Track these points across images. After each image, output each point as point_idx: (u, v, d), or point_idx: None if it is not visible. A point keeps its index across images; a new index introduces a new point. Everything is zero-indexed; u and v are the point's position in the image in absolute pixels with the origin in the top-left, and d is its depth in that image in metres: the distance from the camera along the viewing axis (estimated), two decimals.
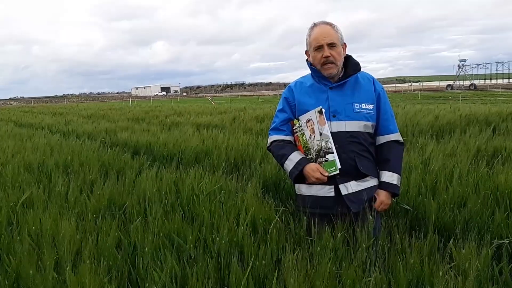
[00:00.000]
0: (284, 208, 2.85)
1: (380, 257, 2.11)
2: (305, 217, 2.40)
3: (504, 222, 2.71)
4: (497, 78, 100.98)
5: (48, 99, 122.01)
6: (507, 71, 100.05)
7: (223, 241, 2.25)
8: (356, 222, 2.25)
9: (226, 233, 2.28)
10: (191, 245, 2.29)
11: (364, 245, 2.07)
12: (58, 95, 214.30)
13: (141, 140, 7.01)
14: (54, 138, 7.43)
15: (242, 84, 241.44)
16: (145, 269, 2.13)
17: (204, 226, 2.49)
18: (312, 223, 2.29)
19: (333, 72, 2.40)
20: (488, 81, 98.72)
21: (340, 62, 2.42)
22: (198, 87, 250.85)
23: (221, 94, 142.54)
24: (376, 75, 2.64)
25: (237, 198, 2.92)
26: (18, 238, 2.38)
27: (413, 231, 2.61)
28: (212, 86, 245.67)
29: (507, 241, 2.47)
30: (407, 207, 3.12)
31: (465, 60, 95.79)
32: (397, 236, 2.13)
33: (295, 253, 1.96)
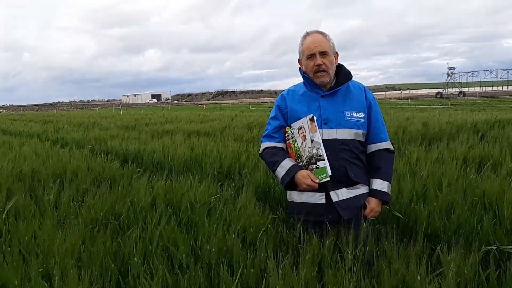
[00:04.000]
0: (275, 216, 2.86)
1: (369, 263, 2.12)
2: (298, 225, 2.40)
3: (492, 228, 2.73)
4: (485, 86, 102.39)
5: (37, 107, 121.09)
6: (495, 79, 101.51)
7: (213, 250, 2.25)
8: (348, 229, 2.26)
9: (217, 242, 2.28)
10: (183, 254, 2.28)
11: (349, 252, 2.08)
12: (48, 103, 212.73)
13: (131, 148, 6.98)
14: (43, 146, 7.37)
15: (233, 91, 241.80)
16: (135, 278, 2.12)
17: (201, 235, 2.48)
18: (304, 230, 2.29)
19: (325, 80, 2.43)
20: (477, 89, 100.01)
21: (332, 70, 2.45)
22: (189, 94, 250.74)
23: (212, 102, 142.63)
24: (367, 83, 2.68)
25: (235, 207, 2.91)
26: (9, 248, 2.35)
27: (404, 238, 2.63)
28: (203, 93, 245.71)
29: (495, 247, 2.49)
30: (399, 214, 3.14)
31: (454, 68, 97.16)
32: (386, 243, 2.14)
33: (283, 261, 1.97)
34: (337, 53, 2.51)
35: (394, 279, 1.92)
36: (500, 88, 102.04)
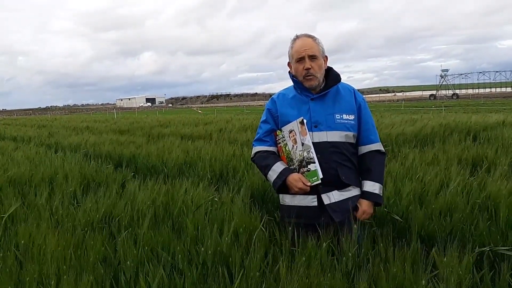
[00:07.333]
0: (270, 218, 2.85)
1: (365, 266, 2.12)
2: (290, 228, 2.39)
3: (486, 230, 2.73)
4: (478, 88, 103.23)
5: (31, 111, 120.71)
6: (488, 81, 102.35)
7: (209, 252, 2.24)
8: (341, 232, 2.25)
9: (212, 244, 2.27)
10: (179, 255, 2.27)
11: (350, 254, 2.07)
12: (42, 107, 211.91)
13: (125, 152, 6.95)
14: (37, 151, 7.32)
15: (228, 94, 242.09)
16: (128, 283, 2.10)
17: (189, 238, 2.47)
18: (297, 233, 2.28)
19: (314, 83, 2.43)
20: (470, 91, 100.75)
21: (321, 74, 2.45)
22: (184, 98, 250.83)
23: (207, 105, 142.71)
24: (361, 85, 2.67)
25: (229, 209, 2.90)
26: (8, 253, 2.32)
27: (399, 240, 2.62)
28: (198, 97, 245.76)
29: (488, 249, 2.49)
30: (397, 217, 3.12)
31: (447, 70, 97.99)
32: (381, 245, 2.14)
33: (284, 265, 1.96)
34: (326, 56, 2.51)
35: (392, 282, 1.91)
36: (493, 89, 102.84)
